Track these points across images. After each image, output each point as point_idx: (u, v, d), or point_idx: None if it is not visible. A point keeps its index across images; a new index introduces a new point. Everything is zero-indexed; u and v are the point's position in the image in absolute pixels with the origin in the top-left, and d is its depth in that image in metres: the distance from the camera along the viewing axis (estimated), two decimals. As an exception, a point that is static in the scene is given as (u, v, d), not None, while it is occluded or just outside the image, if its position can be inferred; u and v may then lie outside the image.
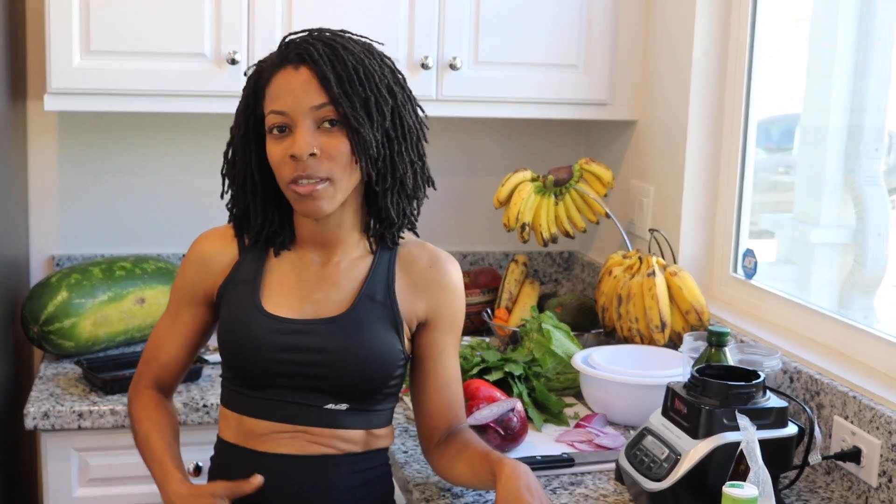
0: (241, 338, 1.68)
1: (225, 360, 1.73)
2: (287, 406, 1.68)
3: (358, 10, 2.54)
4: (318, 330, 1.67)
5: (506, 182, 2.67)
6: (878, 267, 2.24)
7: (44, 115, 2.75)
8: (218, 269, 1.75)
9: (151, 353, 1.81)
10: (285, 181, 1.63)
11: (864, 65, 2.28)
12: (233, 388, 1.73)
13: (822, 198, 2.45)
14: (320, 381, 1.67)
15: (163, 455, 1.70)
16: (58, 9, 2.38)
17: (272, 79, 1.64)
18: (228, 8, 2.46)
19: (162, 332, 1.81)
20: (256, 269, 1.72)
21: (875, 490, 1.81)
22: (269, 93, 1.64)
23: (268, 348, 1.66)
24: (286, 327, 1.67)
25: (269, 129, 1.63)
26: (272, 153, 1.63)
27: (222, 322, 1.72)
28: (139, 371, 1.83)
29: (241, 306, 1.70)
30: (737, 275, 2.48)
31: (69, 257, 2.80)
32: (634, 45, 2.73)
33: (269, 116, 1.63)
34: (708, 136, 2.52)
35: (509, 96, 2.67)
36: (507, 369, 2.23)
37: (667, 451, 1.75)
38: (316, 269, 1.72)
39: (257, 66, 1.69)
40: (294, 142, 1.60)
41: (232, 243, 1.76)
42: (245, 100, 1.68)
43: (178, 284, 1.79)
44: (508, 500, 1.56)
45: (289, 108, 1.61)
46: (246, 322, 1.68)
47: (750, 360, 1.99)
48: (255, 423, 1.70)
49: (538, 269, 3.13)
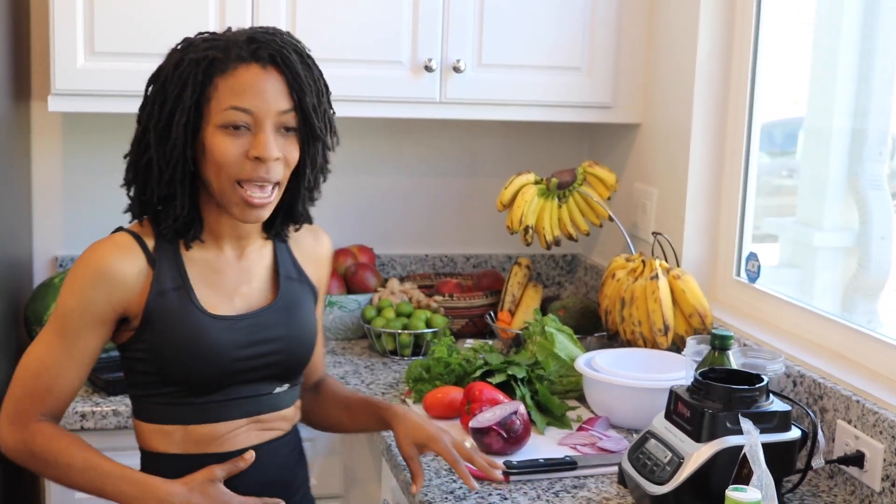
0: (196, 346, 1.63)
1: (168, 374, 1.64)
2: (241, 402, 1.68)
3: (362, 12, 2.54)
4: (261, 320, 1.69)
5: (509, 185, 2.67)
6: (881, 271, 2.24)
7: (48, 116, 2.75)
8: (132, 283, 1.62)
9: (40, 384, 1.63)
10: (232, 179, 1.60)
11: (867, 68, 2.28)
12: (172, 401, 1.65)
13: (825, 201, 2.45)
14: (272, 369, 1.70)
15: (122, 469, 1.61)
16: (62, 10, 2.38)
17: (233, 72, 1.58)
18: (232, 9, 2.46)
19: (54, 360, 1.62)
20: (178, 272, 1.65)
21: (878, 494, 1.81)
22: (226, 85, 1.58)
23: (227, 349, 1.64)
24: (234, 325, 1.66)
25: (224, 124, 1.58)
26: (224, 148, 1.58)
27: (163, 336, 1.62)
28: (19, 408, 1.63)
29: (184, 314, 1.63)
30: (740, 278, 2.48)
31: (72, 258, 2.80)
32: (638, 47, 2.73)
33: (228, 111, 1.58)
34: (711, 139, 2.52)
35: (513, 99, 2.67)
36: (509, 372, 2.23)
37: (670, 454, 1.75)
38: (234, 262, 1.71)
39: (208, 53, 1.59)
40: (258, 143, 1.58)
41: (136, 253, 1.63)
42: (193, 84, 1.58)
43: (73, 306, 1.61)
44: (413, 431, 1.77)
45: (255, 107, 1.58)
46: (197, 329, 1.63)
47: (753, 364, 1.99)
48: (207, 429, 1.66)
49: (541, 272, 3.13)
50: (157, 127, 1.60)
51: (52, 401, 1.64)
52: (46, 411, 1.64)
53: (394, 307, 2.68)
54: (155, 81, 1.64)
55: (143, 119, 1.64)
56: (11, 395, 1.65)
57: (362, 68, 2.56)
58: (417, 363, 2.33)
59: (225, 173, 1.60)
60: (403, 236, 3.05)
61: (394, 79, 2.58)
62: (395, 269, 3.03)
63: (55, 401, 1.64)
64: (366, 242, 2.99)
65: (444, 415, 2.17)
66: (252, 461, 1.65)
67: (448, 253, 3.08)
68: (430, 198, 3.05)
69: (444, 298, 2.78)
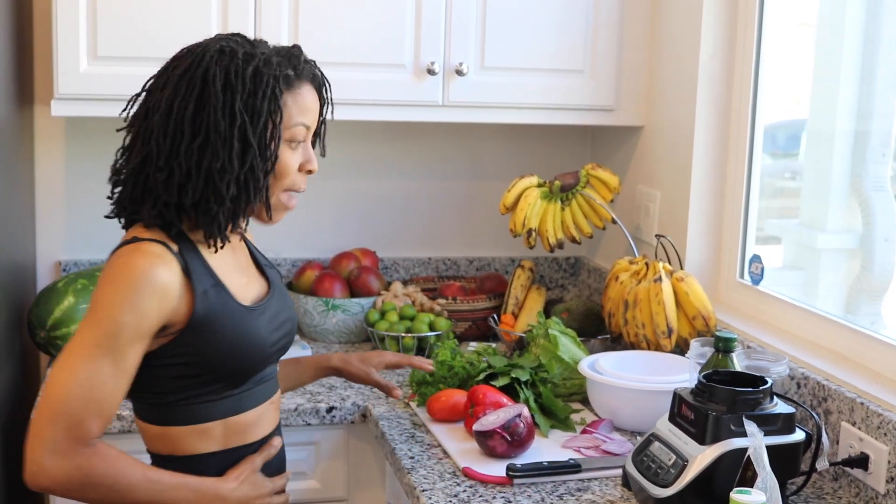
0: (244, 338, 1.67)
1: (217, 371, 1.66)
2: (263, 386, 1.76)
3: (365, 16, 2.54)
4: (275, 303, 1.78)
5: (512, 187, 2.67)
6: (885, 272, 2.24)
7: (51, 121, 2.75)
8: (178, 290, 1.60)
9: (91, 407, 1.55)
10: (287, 189, 1.71)
11: (870, 69, 2.28)
12: (214, 398, 1.67)
13: (828, 203, 2.44)
14: (285, 349, 1.82)
15: (177, 478, 1.63)
16: (65, 14, 2.39)
17: (298, 89, 1.67)
18: (234, 14, 2.46)
19: (105, 381, 1.56)
20: (208, 271, 1.66)
21: (883, 497, 1.80)
22: (293, 102, 1.66)
23: (266, 336, 1.72)
24: (266, 312, 1.74)
25: (291, 139, 1.68)
26: (289, 162, 1.68)
27: (212, 335, 1.63)
28: (69, 436, 1.54)
29: (227, 310, 1.66)
30: (743, 280, 2.48)
31: (76, 262, 2.81)
32: (640, 50, 2.73)
33: (296, 127, 1.67)
34: (714, 141, 2.52)
35: (515, 102, 2.67)
36: (513, 375, 2.23)
37: (674, 457, 1.75)
38: (234, 254, 1.77)
39: (284, 71, 1.64)
40: (311, 158, 1.72)
41: (171, 259, 1.62)
42: (274, 99, 1.62)
43: (126, 322, 1.55)
44: (363, 360, 2.08)
45: (311, 124, 1.71)
46: (242, 322, 1.68)
47: (757, 366, 1.99)
48: (243, 418, 1.72)
49: (544, 275, 3.13)
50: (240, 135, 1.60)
51: (104, 422, 1.58)
52: (98, 433, 1.57)
53: (397, 310, 2.68)
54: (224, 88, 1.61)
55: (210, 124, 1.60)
56: (52, 426, 1.55)
57: (365, 72, 2.56)
58: (421, 366, 2.33)
59: (281, 183, 1.69)
60: (406, 239, 3.05)
61: (396, 82, 2.58)
62: (399, 272, 3.03)
63: (105, 421, 1.58)
64: (369, 246, 2.99)
65: (447, 418, 2.17)
66: (280, 446, 1.74)
67: (451, 256, 3.08)
68: (433, 201, 3.05)
69: (448, 301, 2.78)
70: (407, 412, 2.26)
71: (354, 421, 2.31)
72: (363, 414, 2.31)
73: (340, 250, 2.93)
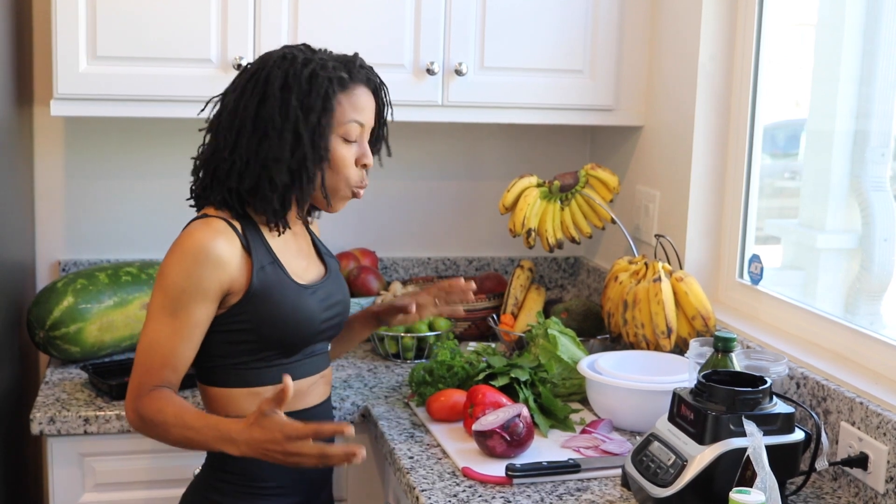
0: (296, 312, 1.85)
1: (269, 339, 1.84)
2: (315, 359, 1.94)
3: (364, 16, 2.54)
4: (328, 287, 1.95)
5: (511, 187, 2.67)
6: (884, 272, 2.24)
7: (50, 121, 2.75)
8: (237, 263, 1.81)
9: (156, 359, 1.79)
10: (348, 183, 1.89)
11: (870, 69, 2.28)
12: (268, 364, 1.86)
13: (828, 203, 2.44)
14: (337, 329, 1.99)
15: (206, 418, 1.73)
16: (64, 14, 2.38)
17: (354, 90, 1.86)
18: (234, 13, 2.46)
19: (167, 336, 1.78)
20: (268, 251, 1.87)
21: (882, 496, 1.81)
22: (349, 102, 1.85)
23: (317, 312, 1.89)
24: (318, 292, 1.92)
25: (346, 135, 1.86)
26: (344, 155, 1.87)
27: (267, 306, 1.83)
28: (139, 383, 1.79)
29: (282, 286, 1.85)
30: (743, 280, 2.48)
31: (75, 262, 2.81)
32: (640, 50, 2.73)
33: (350, 124, 1.86)
34: (714, 141, 2.52)
35: (515, 102, 2.67)
36: (512, 375, 2.23)
37: (673, 456, 1.75)
38: (294, 242, 1.95)
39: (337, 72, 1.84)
40: (365, 153, 1.90)
41: (234, 237, 1.83)
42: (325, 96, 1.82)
43: (183, 285, 1.77)
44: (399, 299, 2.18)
45: (366, 122, 1.89)
46: (296, 297, 1.86)
47: (756, 366, 1.99)
48: (294, 385, 1.74)
49: (544, 275, 3.13)
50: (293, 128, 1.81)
51: (169, 373, 1.80)
52: (162, 383, 1.79)
53: (396, 310, 2.68)
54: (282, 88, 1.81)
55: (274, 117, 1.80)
56: (133, 375, 1.81)
57: (364, 72, 2.56)
58: (420, 366, 2.33)
59: (342, 176, 1.88)
60: (406, 239, 3.05)
61: (396, 82, 2.56)
62: (398, 272, 3.03)
63: (171, 373, 1.80)
64: (368, 246, 3.00)
65: (447, 418, 2.17)
66: (291, 384, 1.66)
67: (450, 256, 3.08)
68: (433, 201, 3.06)
69: (447, 301, 2.77)
70: (406, 412, 2.26)
71: (354, 420, 2.31)
72: (363, 414, 2.32)
73: (340, 250, 2.93)
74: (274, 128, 1.80)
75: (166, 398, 1.76)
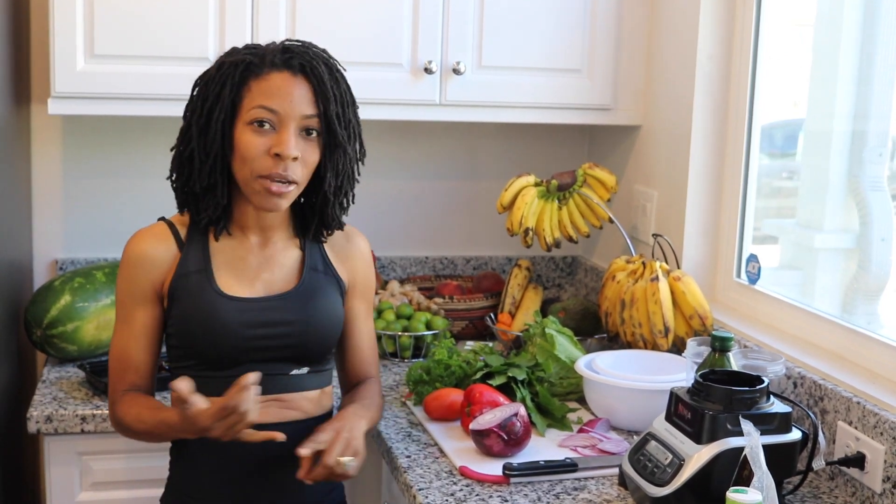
0: (208, 323, 1.80)
1: (188, 348, 1.82)
2: (267, 378, 1.79)
3: (362, 14, 2.54)
4: (278, 304, 1.85)
5: (509, 187, 2.67)
6: (881, 272, 2.24)
7: (48, 119, 2.75)
8: (163, 266, 1.83)
9: (118, 364, 1.86)
10: (255, 174, 1.77)
11: (867, 70, 2.28)
12: (198, 374, 1.79)
13: (825, 203, 2.44)
14: (286, 351, 1.85)
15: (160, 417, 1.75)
16: (62, 13, 2.38)
17: (266, 76, 1.77)
18: (232, 12, 2.46)
19: (122, 342, 1.85)
20: (203, 257, 1.84)
21: (879, 496, 1.81)
22: (258, 87, 1.76)
23: (236, 327, 1.80)
24: (248, 306, 1.83)
25: (250, 121, 1.76)
26: (249, 144, 1.76)
27: (182, 313, 1.82)
28: (112, 390, 1.86)
29: (201, 295, 1.81)
30: (740, 280, 2.48)
31: (72, 261, 2.80)
32: (638, 49, 2.73)
33: (255, 109, 1.76)
34: (712, 140, 2.52)
35: (513, 101, 2.67)
36: (510, 374, 2.23)
37: (670, 456, 1.75)
38: (257, 251, 1.88)
39: (245, 58, 1.78)
40: (280, 141, 1.75)
41: (168, 239, 1.85)
42: (230, 84, 1.77)
43: (123, 289, 1.85)
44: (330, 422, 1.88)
45: (281, 109, 1.76)
46: (211, 308, 1.80)
47: (753, 366, 1.99)
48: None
49: (541, 274, 3.13)
50: (199, 122, 1.78)
51: (132, 376, 1.84)
52: (130, 387, 1.84)
53: (394, 309, 2.68)
54: (200, 82, 1.83)
55: (188, 115, 1.82)
56: (109, 383, 1.87)
57: (362, 70, 2.55)
58: (418, 365, 2.33)
59: (248, 167, 1.77)
60: (403, 238, 3.05)
61: (394, 81, 2.58)
62: (396, 271, 3.03)
63: (135, 376, 1.84)
64: (366, 245, 2.99)
65: (444, 417, 2.17)
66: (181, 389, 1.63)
67: (448, 255, 3.08)
68: (430, 200, 3.05)
69: (445, 300, 2.78)
70: (403, 411, 2.26)
71: (351, 420, 2.31)
72: (360, 413, 2.31)
73: (337, 249, 2.92)
74: (188, 125, 1.81)
75: (130, 401, 1.81)
